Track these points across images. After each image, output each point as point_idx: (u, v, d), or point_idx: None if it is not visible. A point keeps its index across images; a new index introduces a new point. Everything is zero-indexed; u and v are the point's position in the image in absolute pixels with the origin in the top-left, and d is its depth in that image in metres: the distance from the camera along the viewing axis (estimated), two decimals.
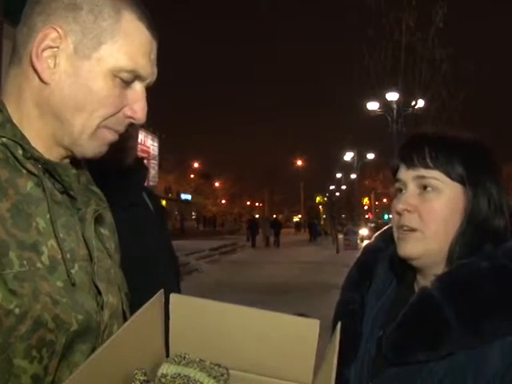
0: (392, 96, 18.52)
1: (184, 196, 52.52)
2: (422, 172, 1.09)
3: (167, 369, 0.84)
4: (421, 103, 18.27)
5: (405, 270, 1.17)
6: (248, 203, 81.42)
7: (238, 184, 69.03)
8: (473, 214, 1.07)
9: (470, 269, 1.03)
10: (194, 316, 0.89)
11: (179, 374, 0.82)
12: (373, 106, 19.55)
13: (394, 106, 18.62)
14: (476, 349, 0.98)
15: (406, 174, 1.12)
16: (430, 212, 1.08)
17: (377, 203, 64.69)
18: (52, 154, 0.93)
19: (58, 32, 0.87)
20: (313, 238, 39.30)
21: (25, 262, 0.81)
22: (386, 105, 19.02)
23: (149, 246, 1.74)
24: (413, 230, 1.09)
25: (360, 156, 40.17)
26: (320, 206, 69.37)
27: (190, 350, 0.88)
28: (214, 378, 0.83)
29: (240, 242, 32.01)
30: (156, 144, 26.75)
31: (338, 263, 17.84)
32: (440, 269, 1.09)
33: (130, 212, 1.70)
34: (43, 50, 0.88)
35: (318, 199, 67.64)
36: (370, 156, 40.83)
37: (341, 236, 28.53)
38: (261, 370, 0.89)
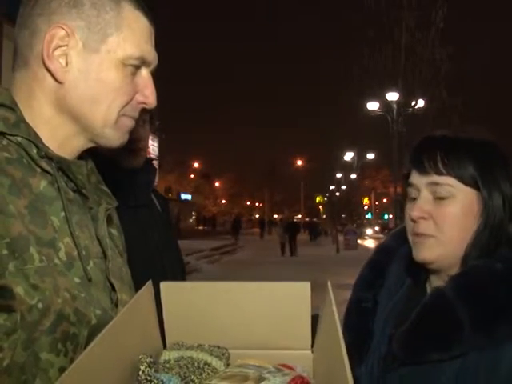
0: (392, 96, 18.52)
1: (184, 196, 52.52)
2: (435, 178, 1.08)
3: (168, 355, 0.85)
4: (421, 103, 18.27)
5: (418, 270, 1.17)
6: (248, 203, 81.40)
7: (238, 184, 69.10)
8: (488, 217, 1.07)
9: (484, 270, 1.03)
10: (186, 300, 0.90)
11: (182, 357, 0.84)
12: (373, 105, 19.54)
13: (394, 105, 18.62)
14: (489, 349, 0.99)
15: (418, 180, 1.12)
16: (445, 218, 1.08)
17: (377, 203, 64.70)
18: (66, 151, 0.94)
19: (65, 30, 0.89)
20: (313, 238, 39.32)
21: (44, 258, 0.82)
22: (386, 105, 19.02)
23: (156, 247, 1.76)
24: (428, 236, 1.09)
25: (360, 156, 40.15)
26: (320, 206, 69.36)
27: (186, 336, 0.89)
28: (216, 356, 0.84)
29: (240, 241, 32.01)
30: (156, 144, 26.76)
31: (338, 263, 17.84)
32: (454, 270, 1.09)
33: (138, 213, 1.72)
34: (54, 50, 0.89)
35: (318, 199, 67.65)
36: (370, 156, 40.81)
37: (341, 237, 28.51)
38: (259, 343, 0.89)
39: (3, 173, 0.83)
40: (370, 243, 33.44)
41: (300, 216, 73.90)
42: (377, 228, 48.06)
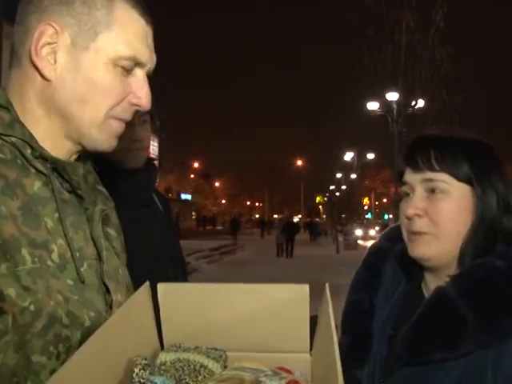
0: (392, 96, 18.50)
1: (184, 196, 52.52)
2: (429, 175, 1.09)
3: (165, 357, 0.84)
4: (421, 103, 18.27)
5: (413, 269, 1.17)
6: (248, 203, 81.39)
7: (238, 184, 69.10)
8: (483, 213, 1.07)
9: (485, 268, 1.04)
10: (183, 301, 0.89)
11: (178, 359, 0.82)
12: (373, 105, 19.54)
13: (394, 106, 18.61)
14: (493, 346, 0.99)
15: (412, 178, 1.12)
16: (440, 213, 1.08)
17: (377, 203, 64.70)
18: (61, 151, 0.93)
19: (53, 27, 0.88)
20: (313, 238, 39.31)
21: (36, 260, 0.81)
22: (386, 105, 19.01)
23: (158, 247, 1.75)
24: (424, 233, 1.09)
25: (360, 156, 40.16)
26: (320, 206, 69.38)
27: (183, 338, 0.88)
28: (213, 359, 0.83)
29: (240, 241, 32.01)
30: (156, 144, 26.77)
31: (338, 263, 17.82)
32: (450, 269, 1.09)
33: (139, 213, 1.71)
34: (42, 47, 0.88)
35: (318, 199, 67.68)
36: (370, 156, 40.84)
37: (341, 238, 28.49)
38: (257, 346, 0.88)
39: None
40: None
41: (300, 216, 73.87)
42: (377, 228, 47.80)
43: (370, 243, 1.53)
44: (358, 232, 39.62)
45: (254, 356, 0.86)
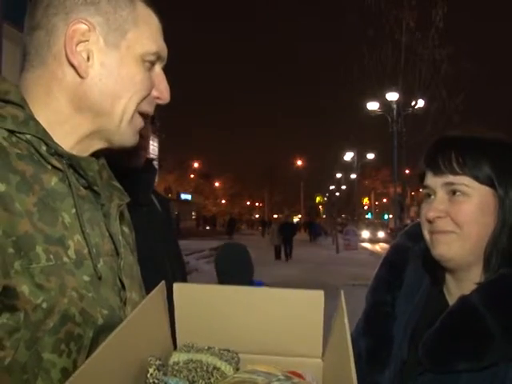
0: (392, 96, 18.54)
1: (184, 196, 52.55)
2: (450, 178, 1.08)
3: (178, 357, 0.84)
4: (421, 103, 18.30)
5: (436, 270, 1.16)
6: (248, 203, 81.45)
7: (238, 184, 69.18)
8: (505, 214, 1.06)
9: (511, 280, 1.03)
10: (199, 302, 0.90)
11: (191, 360, 0.83)
12: (373, 105, 19.56)
13: (394, 106, 18.63)
14: None
15: (433, 181, 1.11)
16: (461, 214, 1.07)
17: (377, 203, 64.76)
18: (82, 148, 0.94)
19: (86, 25, 0.90)
20: (313, 238, 39.33)
21: (51, 257, 0.81)
22: (386, 105, 19.04)
23: (156, 247, 1.75)
24: (448, 232, 1.08)
25: (360, 156, 40.19)
26: (320, 206, 69.47)
27: (197, 338, 0.88)
28: (226, 361, 0.84)
29: (240, 241, 31.97)
30: (156, 144, 26.79)
31: (338, 263, 17.83)
32: (473, 273, 1.09)
33: (138, 212, 1.71)
34: (76, 45, 0.90)
35: (318, 199, 67.74)
36: (370, 156, 40.88)
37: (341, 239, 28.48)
38: (270, 349, 0.89)
39: (11, 170, 0.82)
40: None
41: (300, 216, 73.88)
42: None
43: (378, 247, 1.52)
44: (365, 234, 38.93)
45: (266, 359, 0.87)
